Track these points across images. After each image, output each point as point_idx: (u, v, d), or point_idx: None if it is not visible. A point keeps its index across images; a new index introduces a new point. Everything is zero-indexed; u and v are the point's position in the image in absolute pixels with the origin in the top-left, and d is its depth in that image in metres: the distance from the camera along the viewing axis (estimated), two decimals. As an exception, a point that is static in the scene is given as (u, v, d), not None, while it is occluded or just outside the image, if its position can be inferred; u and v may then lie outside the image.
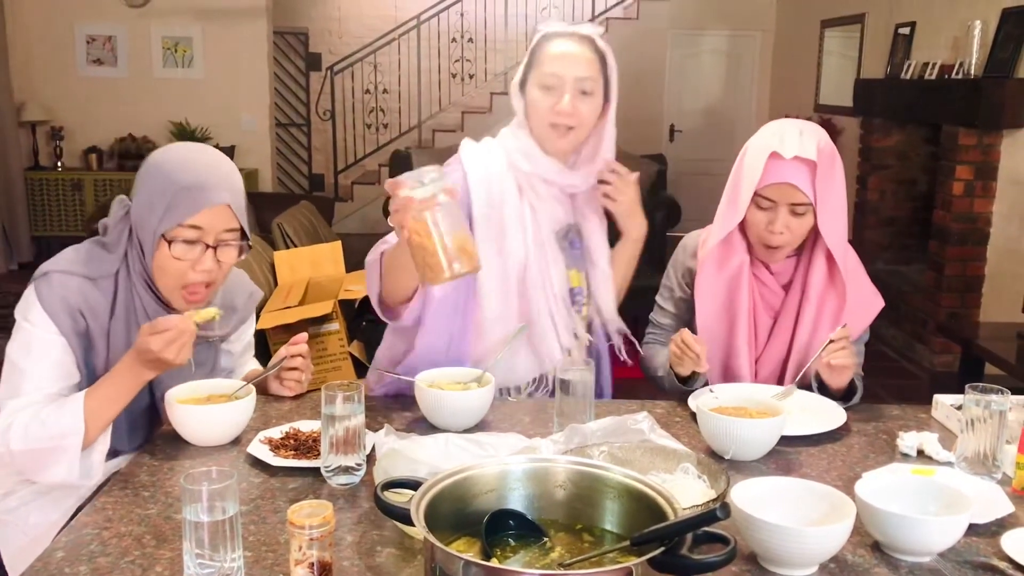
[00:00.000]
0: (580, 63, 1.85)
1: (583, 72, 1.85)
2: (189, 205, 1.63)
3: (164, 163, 1.67)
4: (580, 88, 1.85)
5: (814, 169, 1.83)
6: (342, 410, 1.46)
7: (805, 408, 1.80)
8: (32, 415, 1.59)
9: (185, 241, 1.65)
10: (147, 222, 1.66)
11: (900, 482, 1.37)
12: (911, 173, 5.99)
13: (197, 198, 1.64)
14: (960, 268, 4.94)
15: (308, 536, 1.15)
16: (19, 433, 1.58)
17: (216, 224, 1.66)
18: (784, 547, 1.21)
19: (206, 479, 1.16)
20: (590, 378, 1.65)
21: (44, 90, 7.18)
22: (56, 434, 1.57)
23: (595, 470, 1.20)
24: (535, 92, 1.87)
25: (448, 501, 1.15)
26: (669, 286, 2.13)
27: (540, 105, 1.87)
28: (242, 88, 7.35)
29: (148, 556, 1.26)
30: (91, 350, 1.69)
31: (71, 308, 1.65)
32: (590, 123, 1.90)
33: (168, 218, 1.63)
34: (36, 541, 1.60)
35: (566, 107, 1.83)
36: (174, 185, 1.63)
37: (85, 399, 1.59)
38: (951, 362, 4.87)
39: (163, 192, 1.64)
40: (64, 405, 1.59)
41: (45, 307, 1.64)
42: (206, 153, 1.72)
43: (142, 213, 1.67)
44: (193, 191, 1.63)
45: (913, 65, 5.47)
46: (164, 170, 1.66)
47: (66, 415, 1.57)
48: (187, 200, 1.63)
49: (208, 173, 1.66)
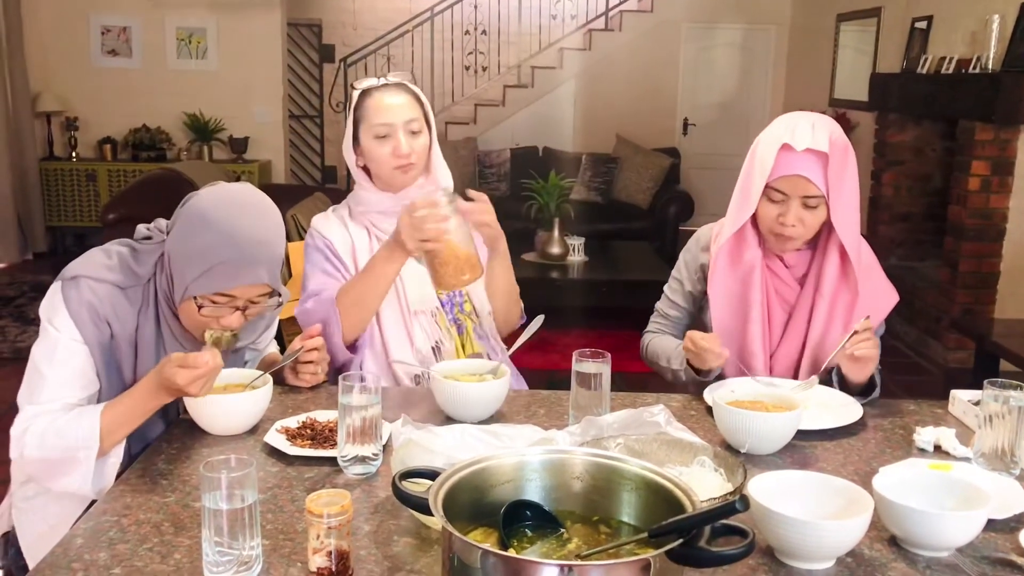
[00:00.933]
0: (403, 108, 2.04)
1: (408, 115, 2.03)
2: (226, 279, 1.61)
3: (211, 222, 1.61)
4: (410, 129, 2.03)
5: (826, 161, 1.81)
6: (359, 400, 1.46)
7: (821, 403, 1.79)
8: (49, 423, 1.59)
9: (213, 302, 1.64)
10: (180, 273, 1.63)
11: (917, 477, 1.37)
12: (926, 168, 5.96)
13: (236, 275, 1.61)
14: (975, 264, 4.91)
15: (326, 525, 1.15)
16: (35, 440, 1.58)
17: (249, 293, 1.66)
18: (801, 541, 1.20)
19: (225, 467, 1.16)
20: (606, 370, 1.65)
21: (59, 80, 7.21)
22: (71, 445, 1.57)
23: (612, 462, 1.20)
24: (371, 144, 2.04)
25: (466, 491, 1.15)
26: (679, 279, 2.13)
27: (378, 153, 2.03)
28: (256, 80, 7.36)
29: (167, 543, 1.27)
30: (116, 358, 1.69)
31: (97, 316, 1.64)
32: (423, 155, 2.08)
33: (201, 284, 1.61)
34: (54, 529, 1.61)
35: (404, 149, 2.01)
36: (215, 255, 1.59)
37: (102, 414, 1.59)
38: (965, 359, 4.84)
39: (202, 256, 1.60)
40: (81, 417, 1.59)
41: (71, 313, 1.63)
42: (255, 223, 1.64)
43: (176, 260, 1.64)
44: (232, 268, 1.60)
45: (930, 59, 5.43)
46: (208, 229, 1.60)
47: (83, 428, 1.57)
48: (225, 275, 1.61)
49: (253, 251, 1.62)
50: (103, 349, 1.66)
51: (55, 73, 7.21)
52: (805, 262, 1.97)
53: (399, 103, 2.03)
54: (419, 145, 2.04)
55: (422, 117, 2.06)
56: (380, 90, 2.05)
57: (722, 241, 1.96)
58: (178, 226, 1.66)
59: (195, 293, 1.62)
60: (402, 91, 2.06)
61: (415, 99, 2.07)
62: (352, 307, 1.97)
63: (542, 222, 5.71)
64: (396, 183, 2.06)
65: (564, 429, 1.52)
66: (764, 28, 8.74)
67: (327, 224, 2.11)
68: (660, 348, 2.08)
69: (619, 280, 5.50)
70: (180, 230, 1.65)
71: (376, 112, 2.03)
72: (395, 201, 2.06)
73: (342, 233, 2.10)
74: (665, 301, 2.16)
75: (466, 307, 2.13)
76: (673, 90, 8.80)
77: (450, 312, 2.10)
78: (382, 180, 2.07)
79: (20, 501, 1.72)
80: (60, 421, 1.59)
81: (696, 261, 2.09)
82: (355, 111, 2.06)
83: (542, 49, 8.80)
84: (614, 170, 7.73)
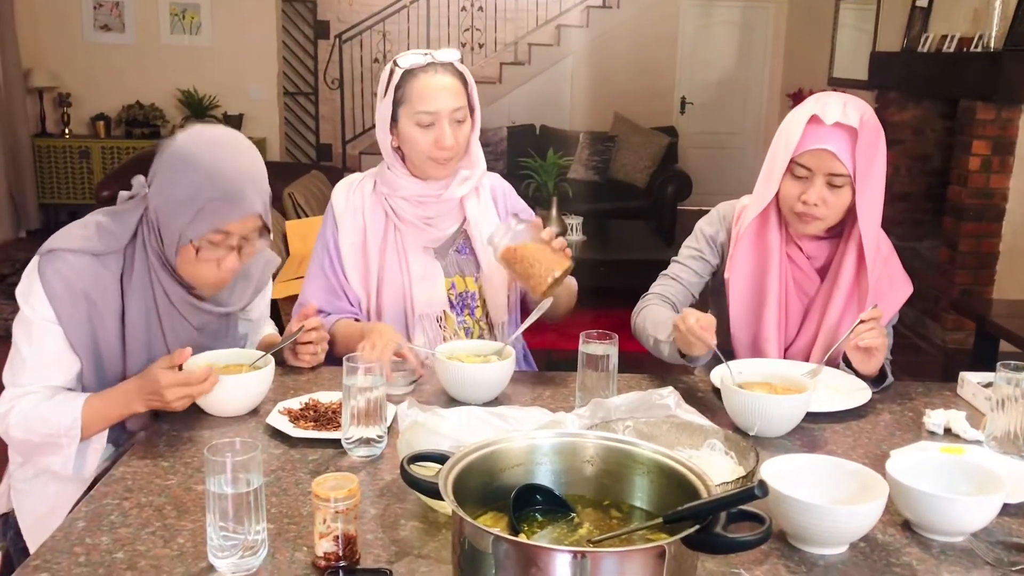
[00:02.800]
0: (451, 96, 1.91)
1: (454, 103, 1.91)
2: (220, 217, 1.58)
3: (194, 162, 1.57)
4: (455, 119, 1.91)
5: (855, 140, 1.75)
6: (363, 381, 1.44)
7: (830, 385, 1.77)
8: (33, 406, 1.59)
9: (211, 243, 1.61)
10: (171, 221, 1.60)
11: (930, 460, 1.35)
12: (926, 148, 5.93)
13: (230, 210, 1.58)
14: (975, 244, 4.90)
15: (333, 509, 1.13)
16: (19, 422, 1.59)
17: (244, 228, 1.63)
18: (815, 525, 1.19)
19: (230, 450, 1.14)
20: (614, 352, 1.63)
21: (51, 56, 7.12)
22: (53, 432, 1.58)
23: (625, 446, 1.18)
24: (412, 130, 1.92)
25: (475, 475, 1.13)
26: (698, 247, 2.02)
27: (419, 142, 1.92)
28: (250, 56, 7.28)
29: (169, 527, 1.24)
30: (98, 333, 1.65)
31: (74, 291, 1.61)
32: (466, 144, 1.98)
33: (196, 227, 1.58)
34: (54, 511, 1.59)
35: (449, 142, 1.90)
36: (205, 193, 1.56)
37: (84, 406, 1.59)
38: (963, 339, 4.84)
39: (192, 198, 1.56)
40: (65, 405, 1.59)
41: (47, 290, 1.60)
42: (238, 156, 1.62)
43: (166, 209, 1.60)
44: (225, 203, 1.57)
45: (931, 38, 5.39)
46: (194, 172, 1.57)
47: (65, 417, 1.58)
48: (219, 211, 1.57)
49: (242, 182, 1.59)
50: (80, 325, 1.62)
51: (47, 48, 7.12)
52: (826, 253, 1.91)
53: (446, 90, 1.90)
54: (463, 136, 1.94)
55: (466, 104, 1.94)
56: (427, 72, 1.90)
57: (746, 223, 1.90)
58: (160, 175, 1.61)
59: (191, 237, 1.58)
60: (449, 73, 1.92)
61: (462, 82, 1.94)
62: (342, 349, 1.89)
63: (539, 201, 5.68)
64: (431, 173, 1.96)
65: (573, 411, 1.50)
66: (763, 6, 8.67)
67: (345, 205, 2.02)
68: (652, 316, 1.95)
69: (618, 260, 5.47)
70: (163, 178, 1.60)
71: (421, 98, 1.89)
72: (424, 189, 1.98)
73: (354, 218, 2.01)
74: (678, 266, 2.04)
75: (477, 312, 2.06)
76: (671, 68, 8.74)
77: (460, 313, 2.04)
78: (416, 166, 1.97)
79: (19, 482, 1.70)
80: (44, 406, 1.59)
81: (718, 236, 2.01)
82: (396, 90, 1.92)
83: (539, 26, 8.73)
84: (612, 149, 7.69)
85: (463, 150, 1.97)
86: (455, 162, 1.97)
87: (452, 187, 2.00)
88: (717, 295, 2.05)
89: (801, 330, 1.94)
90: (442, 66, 1.92)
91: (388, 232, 2.01)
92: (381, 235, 2.01)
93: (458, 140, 1.92)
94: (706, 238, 2.03)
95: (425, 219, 2.00)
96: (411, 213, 1.99)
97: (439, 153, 1.91)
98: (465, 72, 1.96)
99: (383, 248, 2.01)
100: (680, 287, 2.02)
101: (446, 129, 1.89)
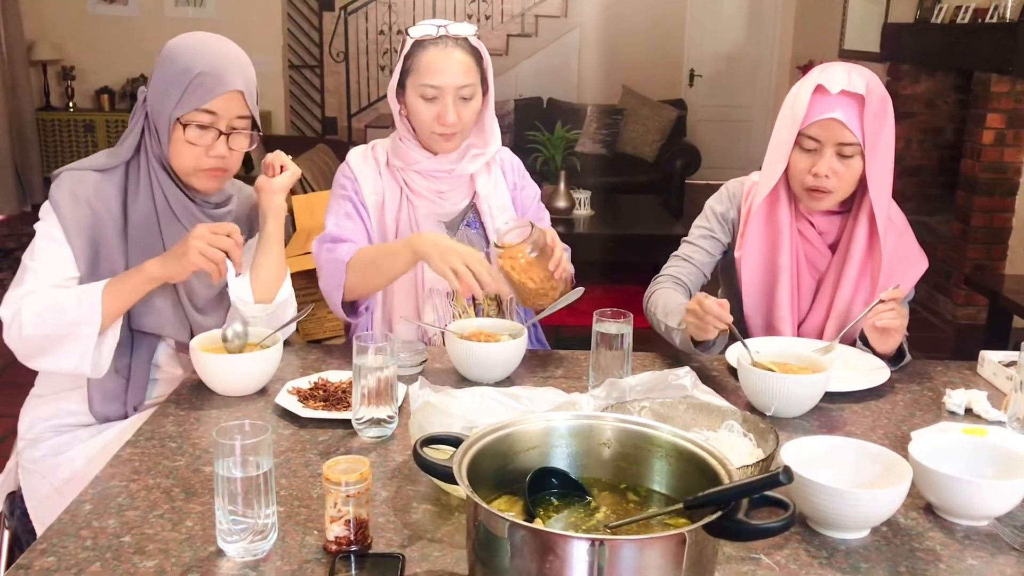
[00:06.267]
0: (458, 71, 1.86)
1: (462, 80, 1.87)
2: (204, 91, 1.66)
3: (181, 51, 1.69)
4: (460, 96, 1.88)
5: (862, 107, 1.71)
6: (374, 361, 1.41)
7: (847, 364, 1.74)
8: (47, 300, 1.59)
9: (199, 126, 1.67)
10: (163, 107, 1.68)
11: (952, 442, 1.33)
12: (938, 121, 5.85)
13: (212, 84, 1.66)
14: (987, 219, 4.84)
15: (344, 493, 1.11)
16: (32, 319, 1.58)
17: (229, 110, 1.69)
18: (837, 510, 1.16)
19: (239, 433, 1.11)
20: (628, 331, 1.60)
21: (54, 29, 7.07)
22: (72, 321, 1.58)
23: (643, 428, 1.15)
24: (416, 102, 1.90)
25: (490, 458, 1.10)
26: (709, 227, 1.99)
27: (423, 115, 1.90)
28: (254, 28, 7.22)
29: (178, 510, 1.22)
30: (101, 242, 1.69)
31: (77, 200, 1.67)
32: (473, 121, 1.94)
33: (184, 103, 1.66)
34: (60, 492, 1.58)
35: (451, 119, 1.87)
36: (190, 71, 1.66)
37: (104, 290, 1.60)
38: (974, 314, 4.79)
39: (179, 78, 1.66)
40: (83, 293, 1.60)
41: (52, 203, 1.67)
42: (221, 41, 1.73)
43: (158, 99, 1.69)
44: (209, 77, 1.66)
45: (945, 8, 5.30)
46: (181, 57, 1.68)
47: (84, 303, 1.59)
48: (203, 86, 1.66)
49: (223, 60, 1.69)
50: (82, 231, 1.66)
51: (50, 21, 7.06)
52: (837, 228, 1.88)
53: (454, 65, 1.85)
54: (468, 113, 1.90)
55: (478, 81, 1.90)
56: (437, 44, 1.86)
57: (757, 201, 1.87)
58: (154, 74, 1.72)
59: (178, 115, 1.66)
60: (460, 48, 1.87)
61: (474, 58, 1.89)
62: (358, 280, 1.87)
63: (547, 175, 5.63)
64: (435, 146, 1.94)
65: (588, 392, 1.47)
66: (773, -24, 8.55)
67: (363, 167, 2.00)
68: (664, 302, 1.90)
69: (626, 235, 5.43)
70: (156, 75, 1.71)
71: (427, 71, 1.86)
72: (436, 164, 1.95)
73: (375, 181, 1.99)
74: (689, 246, 2.01)
75: None
76: (679, 40, 8.64)
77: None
78: (422, 139, 1.95)
79: (27, 463, 1.69)
80: (59, 297, 1.60)
81: (728, 214, 1.98)
82: (405, 59, 1.90)
83: (546, -3, 8.63)
84: (620, 122, 7.61)
85: (468, 127, 1.94)
86: (460, 138, 1.94)
87: (464, 163, 1.97)
88: (728, 275, 2.02)
89: (813, 306, 1.91)
90: (454, 40, 1.87)
91: (402, 204, 1.98)
92: (396, 206, 1.98)
93: (462, 117, 1.88)
94: (716, 216, 2.00)
95: (437, 192, 1.97)
96: (423, 186, 1.97)
97: (440, 128, 1.89)
98: (480, 48, 1.91)
99: (397, 218, 1.98)
100: (692, 267, 1.99)
101: (449, 105, 1.86)
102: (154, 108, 1.71)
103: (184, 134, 1.67)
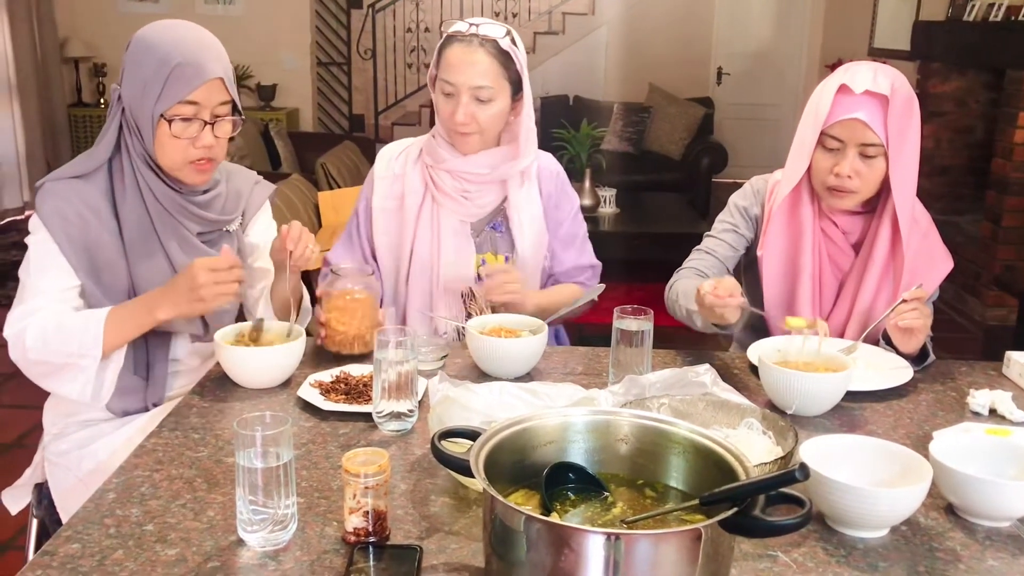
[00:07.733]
0: (476, 72, 1.85)
1: (478, 81, 1.85)
2: (185, 82, 1.62)
3: (153, 42, 1.64)
4: (475, 96, 1.86)
5: (887, 108, 1.70)
6: (395, 355, 1.42)
7: (870, 363, 1.73)
8: (53, 326, 1.58)
9: (183, 119, 1.64)
10: (143, 104, 1.64)
11: (975, 442, 1.31)
12: (969, 120, 5.78)
13: (192, 74, 1.62)
14: (1019, 219, 4.78)
15: (363, 484, 1.12)
16: (36, 344, 1.58)
17: (212, 98, 1.65)
18: (856, 508, 1.16)
19: (260, 424, 1.13)
20: (648, 328, 1.60)
21: (87, 26, 7.16)
22: (74, 352, 1.58)
23: (660, 424, 1.15)
24: (438, 96, 1.92)
25: (507, 452, 1.11)
26: (732, 222, 1.98)
27: (441, 110, 1.91)
28: (283, 26, 7.28)
29: (200, 500, 1.24)
30: (97, 249, 1.67)
31: (65, 213, 1.64)
32: (493, 125, 1.92)
33: (165, 97, 1.62)
34: (84, 483, 1.60)
35: (460, 118, 1.87)
36: (167, 63, 1.61)
37: (106, 320, 1.60)
38: (1004, 316, 4.74)
39: (157, 71, 1.62)
40: (87, 321, 1.59)
41: (40, 216, 1.64)
42: (191, 28, 1.70)
43: (136, 95, 1.65)
44: (187, 67, 1.62)
45: (977, 6, 5.24)
46: (154, 49, 1.63)
47: (88, 334, 1.58)
48: (183, 77, 1.62)
49: (200, 49, 1.65)
50: (75, 242, 1.65)
51: (82, 18, 7.15)
52: (860, 228, 1.86)
53: (473, 66, 1.84)
54: (485, 115, 1.88)
55: (500, 84, 1.87)
56: (462, 42, 1.86)
57: (779, 200, 1.86)
58: (126, 71, 1.67)
59: (161, 110, 1.62)
60: (484, 49, 1.85)
61: (499, 61, 1.86)
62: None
63: (573, 173, 5.60)
64: (455, 144, 1.95)
65: (607, 388, 1.48)
66: (802, -27, 8.49)
67: (387, 168, 2.02)
68: (685, 288, 1.88)
69: (652, 233, 5.41)
70: (128, 71, 1.66)
71: (447, 67, 1.87)
72: (465, 166, 1.95)
73: (392, 184, 2.00)
74: (712, 240, 1.99)
75: None
76: (707, 38, 8.59)
77: None
78: (445, 134, 1.96)
79: (52, 456, 1.71)
80: (65, 323, 1.59)
81: (752, 209, 1.97)
82: (437, 53, 1.90)
83: (573, -6, 8.62)
84: (646, 120, 7.59)
85: (487, 130, 1.92)
86: (479, 139, 1.92)
87: (493, 170, 1.96)
88: (750, 272, 2.01)
89: (835, 306, 1.90)
90: (481, 40, 1.86)
91: (425, 202, 1.99)
92: (418, 204, 1.99)
93: (477, 118, 1.88)
94: (740, 210, 1.99)
95: (463, 192, 1.98)
96: (450, 185, 1.97)
97: (453, 126, 1.89)
98: (512, 52, 1.89)
99: (418, 216, 1.99)
100: (714, 260, 1.98)
101: (462, 104, 1.86)
102: (132, 105, 1.66)
103: (169, 129, 1.64)
